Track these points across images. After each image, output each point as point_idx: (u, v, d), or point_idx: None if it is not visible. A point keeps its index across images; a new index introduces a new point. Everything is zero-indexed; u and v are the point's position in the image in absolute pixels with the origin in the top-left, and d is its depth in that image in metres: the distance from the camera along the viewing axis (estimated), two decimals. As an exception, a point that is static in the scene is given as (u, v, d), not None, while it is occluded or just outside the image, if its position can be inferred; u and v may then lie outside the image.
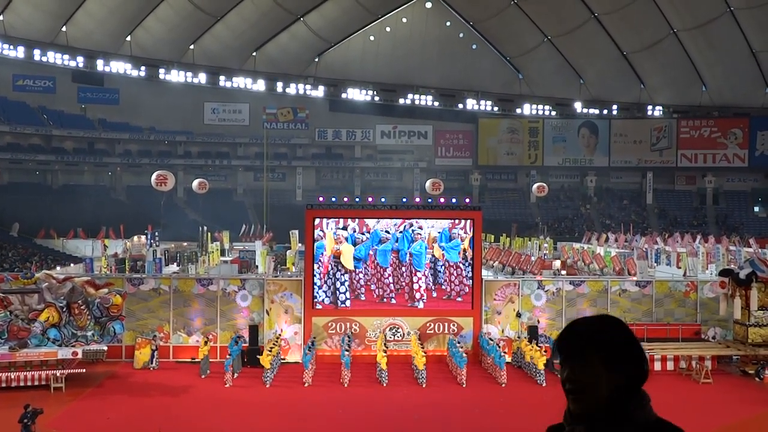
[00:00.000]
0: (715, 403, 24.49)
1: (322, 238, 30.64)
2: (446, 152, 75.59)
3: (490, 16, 68.51)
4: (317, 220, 30.71)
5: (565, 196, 75.51)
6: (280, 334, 29.53)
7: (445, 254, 30.63)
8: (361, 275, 30.74)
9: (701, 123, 73.15)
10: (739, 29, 63.19)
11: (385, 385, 25.70)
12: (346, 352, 26.76)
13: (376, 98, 72.80)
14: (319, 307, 30.40)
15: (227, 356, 26.68)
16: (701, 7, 62.15)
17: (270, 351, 26.50)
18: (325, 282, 30.50)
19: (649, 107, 73.08)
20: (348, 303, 30.54)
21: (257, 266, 40.48)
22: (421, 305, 30.60)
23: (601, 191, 75.47)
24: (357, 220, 30.90)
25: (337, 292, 30.54)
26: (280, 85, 70.74)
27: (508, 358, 28.22)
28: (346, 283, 30.52)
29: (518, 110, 73.85)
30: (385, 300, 30.74)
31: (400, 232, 30.66)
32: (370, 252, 30.65)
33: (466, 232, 30.95)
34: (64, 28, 64.38)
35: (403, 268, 30.76)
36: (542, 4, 65.41)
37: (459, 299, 30.72)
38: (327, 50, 71.90)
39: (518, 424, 21.97)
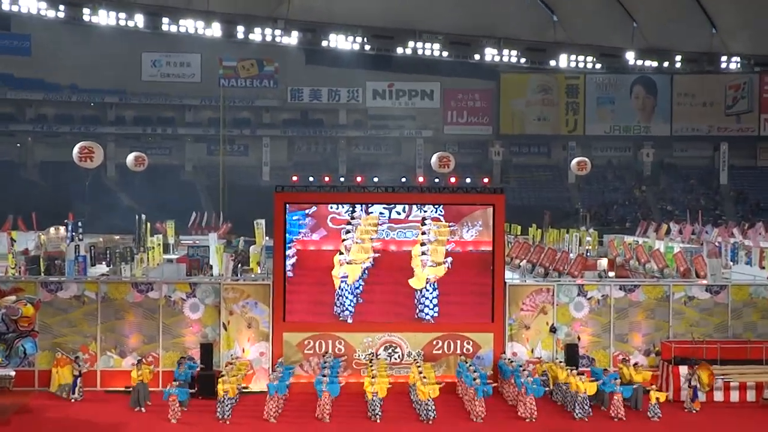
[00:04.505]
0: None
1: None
2: (458, 118, 75.60)
3: (515, -61, 68.42)
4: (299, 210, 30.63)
5: (613, 176, 75.60)
6: (239, 356, 29.48)
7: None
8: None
9: (791, 79, 73.31)
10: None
11: (378, 421, 25.70)
12: (324, 378, 26.68)
13: (367, 47, 72.58)
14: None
15: (171, 384, 26.59)
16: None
17: (227, 377, 26.46)
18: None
19: (724, 58, 73.08)
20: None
21: (211, 267, 40.35)
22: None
23: (661, 168, 75.56)
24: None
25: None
26: (240, 30, 70.40)
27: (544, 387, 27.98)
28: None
29: (552, 63, 73.80)
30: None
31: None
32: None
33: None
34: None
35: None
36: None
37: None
38: (303, -16, 71.74)
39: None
